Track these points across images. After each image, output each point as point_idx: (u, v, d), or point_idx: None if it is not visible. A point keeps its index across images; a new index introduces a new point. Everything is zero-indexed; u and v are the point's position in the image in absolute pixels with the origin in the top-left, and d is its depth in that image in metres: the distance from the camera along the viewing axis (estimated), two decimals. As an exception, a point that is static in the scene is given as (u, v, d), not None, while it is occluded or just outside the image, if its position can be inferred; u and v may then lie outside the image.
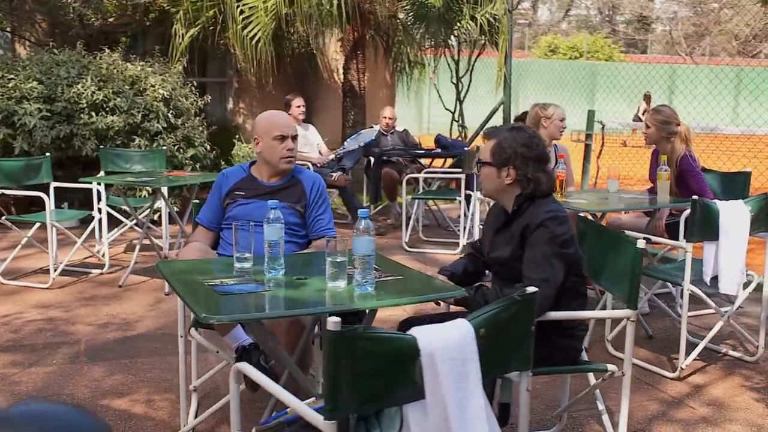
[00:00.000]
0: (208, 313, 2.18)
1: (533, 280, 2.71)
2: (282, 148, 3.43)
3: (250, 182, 3.50)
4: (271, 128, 3.46)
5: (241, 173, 3.57)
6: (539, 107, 5.42)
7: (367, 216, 2.51)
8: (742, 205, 4.01)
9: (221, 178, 3.58)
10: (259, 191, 3.44)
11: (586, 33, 34.42)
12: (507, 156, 2.86)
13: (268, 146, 3.45)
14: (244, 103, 11.73)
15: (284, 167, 3.47)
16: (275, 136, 3.44)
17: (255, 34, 8.51)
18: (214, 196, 3.54)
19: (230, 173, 3.60)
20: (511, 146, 2.85)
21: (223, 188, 3.52)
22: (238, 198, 3.46)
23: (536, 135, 2.91)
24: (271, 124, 3.48)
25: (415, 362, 1.83)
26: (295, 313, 2.37)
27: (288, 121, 3.54)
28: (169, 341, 4.56)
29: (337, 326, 1.74)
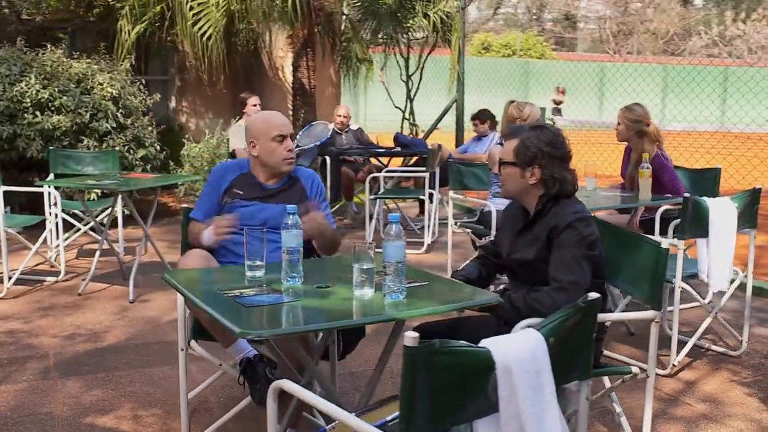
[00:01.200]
0: (245, 328, 2.04)
1: (562, 282, 2.65)
2: (282, 149, 3.24)
3: (249, 182, 3.30)
4: (268, 129, 3.24)
5: (241, 168, 3.35)
6: (515, 108, 5.37)
7: (398, 221, 2.40)
8: (730, 202, 4.04)
9: (221, 171, 3.35)
10: (258, 194, 3.27)
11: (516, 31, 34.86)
12: (532, 155, 2.78)
13: (267, 148, 3.24)
14: (187, 101, 11.43)
15: (286, 169, 3.28)
16: (274, 136, 3.23)
17: (206, 30, 8.26)
18: (213, 191, 3.32)
19: (230, 167, 3.37)
20: (535, 145, 2.78)
21: (222, 183, 3.31)
22: (236, 198, 3.27)
23: (560, 133, 2.84)
24: (268, 124, 3.27)
25: (490, 375, 1.74)
26: (339, 325, 2.23)
27: (285, 120, 3.34)
28: (145, 352, 4.35)
29: (415, 341, 1.63)
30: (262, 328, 2.10)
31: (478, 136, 8.42)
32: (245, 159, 3.39)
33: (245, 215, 3.18)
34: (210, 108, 11.42)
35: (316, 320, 2.27)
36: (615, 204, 4.72)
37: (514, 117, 5.38)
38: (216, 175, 3.36)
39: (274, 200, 3.25)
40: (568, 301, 2.64)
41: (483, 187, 5.92)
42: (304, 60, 9.77)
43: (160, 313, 5.07)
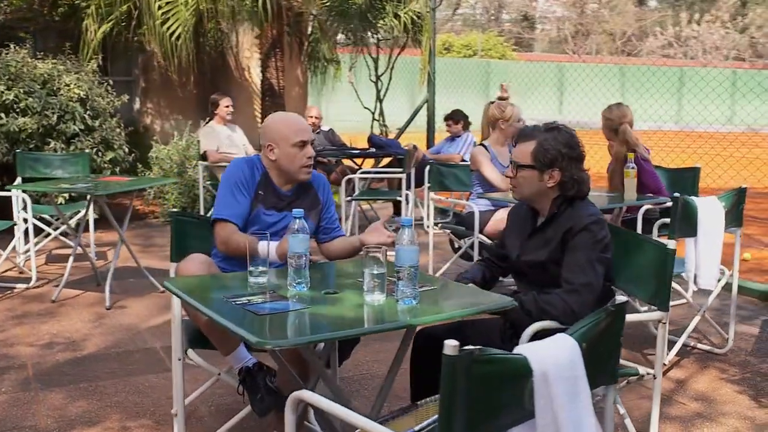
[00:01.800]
0: (262, 337, 1.97)
1: (574, 285, 2.63)
2: (303, 156, 3.07)
3: (268, 186, 3.12)
4: (290, 134, 3.06)
5: (258, 171, 3.13)
6: (496, 108, 5.36)
7: (410, 224, 2.35)
8: (717, 202, 4.07)
9: (243, 169, 3.10)
10: (275, 202, 3.10)
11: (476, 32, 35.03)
12: (552, 158, 2.74)
13: (287, 154, 3.06)
14: (152, 103, 11.24)
15: (303, 177, 3.11)
16: (296, 142, 3.05)
17: (175, 30, 8.11)
18: (245, 190, 3.08)
19: (245, 167, 3.12)
20: (554, 147, 2.74)
21: (250, 185, 3.09)
22: (260, 202, 3.09)
23: (575, 133, 2.81)
24: (290, 129, 3.07)
25: (527, 383, 1.70)
26: (364, 331, 2.16)
27: (307, 125, 3.16)
28: (127, 360, 4.24)
29: (455, 350, 1.58)
30: (279, 337, 2.03)
31: (452, 137, 8.42)
32: (256, 157, 3.19)
33: (265, 225, 3.05)
34: (176, 109, 11.24)
35: (334, 328, 2.20)
36: (602, 204, 4.71)
37: (495, 117, 5.37)
38: (242, 172, 3.09)
39: (290, 208, 3.09)
40: (580, 303, 2.64)
41: (463, 188, 5.90)
42: (272, 60, 9.67)
43: (138, 320, 4.95)
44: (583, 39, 37.13)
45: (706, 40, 34.21)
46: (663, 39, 34.84)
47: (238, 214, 3.04)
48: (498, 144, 5.39)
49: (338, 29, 9.85)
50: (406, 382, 2.91)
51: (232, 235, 3.02)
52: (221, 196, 3.10)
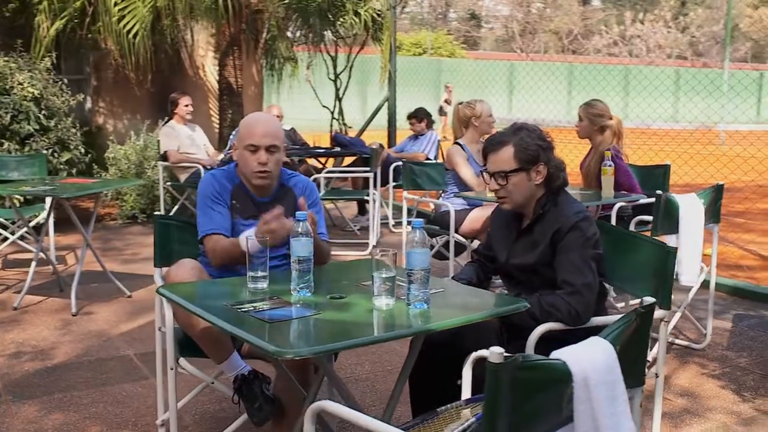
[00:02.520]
0: (281, 347, 1.89)
1: (575, 286, 2.60)
2: (254, 161, 2.92)
3: (243, 195, 3.04)
4: (245, 136, 2.97)
5: (232, 180, 3.06)
6: (466, 107, 5.33)
7: (421, 226, 2.29)
8: (696, 198, 4.10)
9: (214, 183, 3.02)
10: (253, 211, 3.00)
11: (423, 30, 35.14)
12: (533, 154, 2.72)
13: (242, 156, 2.98)
14: (104, 102, 10.94)
15: (256, 182, 2.99)
16: (246, 145, 2.96)
17: (132, 27, 7.90)
18: (221, 203, 2.99)
19: (220, 176, 3.05)
20: (532, 143, 2.72)
21: (225, 195, 3.01)
22: (237, 216, 3.00)
23: (540, 128, 2.80)
24: (246, 130, 2.98)
25: (567, 388, 1.66)
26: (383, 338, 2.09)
27: (266, 129, 2.98)
28: (101, 369, 4.09)
29: (500, 357, 1.53)
30: (297, 345, 1.94)
31: (415, 135, 8.39)
32: (231, 167, 3.11)
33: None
34: (129, 108, 10.96)
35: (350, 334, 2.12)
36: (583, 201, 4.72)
37: (467, 116, 5.35)
38: (215, 185, 3.01)
39: None
40: (583, 304, 2.62)
41: (436, 187, 5.86)
42: (230, 59, 9.51)
43: (107, 326, 4.79)
44: (531, 38, 37.56)
45: (650, 39, 34.91)
46: (608, 38, 35.45)
47: (223, 226, 2.96)
48: (473, 143, 5.37)
49: (297, 27, 9.72)
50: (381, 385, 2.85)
51: (217, 242, 2.93)
52: (200, 216, 3.02)
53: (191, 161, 7.52)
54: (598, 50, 35.63)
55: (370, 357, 4.23)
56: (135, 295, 5.48)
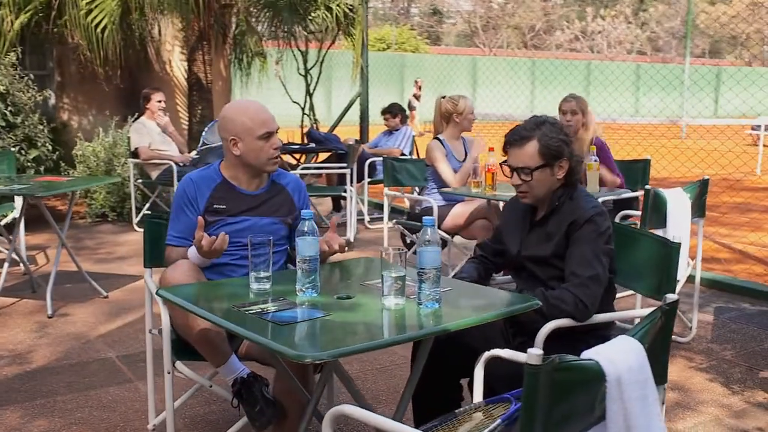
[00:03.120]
0: (300, 350, 1.83)
1: (581, 278, 2.58)
2: (269, 147, 2.87)
3: (229, 192, 2.95)
4: (255, 126, 2.86)
5: (213, 179, 2.99)
6: (448, 102, 5.30)
7: (432, 224, 2.24)
8: (683, 193, 4.12)
9: (189, 187, 2.95)
10: (244, 206, 2.92)
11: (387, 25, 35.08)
12: (558, 149, 2.69)
13: (253, 147, 2.87)
14: (68, 98, 10.70)
15: (270, 169, 2.94)
16: (261, 134, 2.85)
17: (100, 21, 7.72)
18: (189, 211, 2.92)
19: (199, 179, 2.98)
20: (556, 138, 2.69)
21: (198, 200, 2.93)
22: (222, 216, 2.91)
23: (558, 120, 2.77)
24: (254, 120, 2.87)
25: (600, 388, 1.63)
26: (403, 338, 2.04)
27: (268, 114, 2.94)
28: (83, 372, 3.97)
29: (539, 359, 1.49)
30: (313, 349, 1.88)
31: (389, 131, 8.34)
32: (212, 167, 3.03)
33: (236, 233, 2.86)
34: (94, 104, 10.74)
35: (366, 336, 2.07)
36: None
37: (449, 111, 5.31)
38: (187, 191, 2.94)
39: (262, 212, 2.95)
40: (590, 296, 2.59)
41: (416, 183, 5.82)
42: (199, 54, 9.36)
43: (86, 328, 4.67)
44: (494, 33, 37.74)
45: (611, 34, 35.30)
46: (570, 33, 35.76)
47: (180, 232, 2.93)
48: (453, 138, 5.34)
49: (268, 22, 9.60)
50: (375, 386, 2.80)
51: (168, 254, 2.94)
52: (169, 221, 3.00)
53: (163, 158, 7.38)
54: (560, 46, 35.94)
55: (359, 356, 4.18)
56: (111, 295, 5.35)
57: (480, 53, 32.93)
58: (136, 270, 6.06)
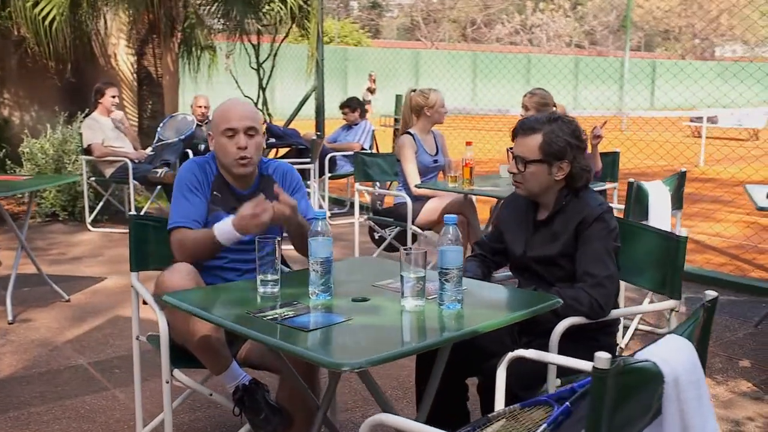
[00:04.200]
0: (339, 359, 1.74)
1: (597, 278, 2.54)
2: (233, 146, 2.73)
3: (223, 187, 2.84)
4: (220, 121, 2.77)
5: (212, 170, 2.85)
6: (419, 95, 5.24)
7: (455, 222, 2.17)
8: (663, 186, 4.14)
9: (197, 170, 2.80)
10: (233, 203, 2.78)
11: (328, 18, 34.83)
12: (560, 150, 2.62)
13: (219, 144, 2.77)
14: (9, 93, 10.29)
15: (237, 171, 2.80)
16: (222, 130, 2.74)
17: (48, 13, 7.42)
18: (197, 192, 2.77)
19: (203, 164, 2.84)
20: (562, 138, 2.62)
21: (205, 184, 2.79)
22: (218, 208, 2.79)
23: (576, 122, 2.71)
24: (220, 115, 2.79)
25: (658, 390, 1.59)
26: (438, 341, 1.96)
27: (243, 111, 2.79)
28: (55, 381, 3.80)
29: (607, 363, 1.43)
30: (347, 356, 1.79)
31: (348, 125, 8.25)
32: (208, 156, 2.89)
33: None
34: (37, 99, 10.35)
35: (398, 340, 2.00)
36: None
37: (420, 104, 5.25)
38: (196, 173, 2.80)
39: None
40: (606, 296, 2.56)
41: (387, 178, 5.75)
42: (150, 47, 9.10)
43: (51, 334, 4.47)
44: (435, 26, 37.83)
45: (550, 28, 35.74)
46: (510, 27, 36.09)
47: (192, 215, 2.74)
48: (423, 132, 5.28)
49: (220, 14, 9.37)
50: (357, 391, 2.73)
51: (186, 234, 2.72)
52: (173, 205, 2.81)
53: (118, 155, 7.15)
54: (500, 39, 36.25)
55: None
56: (73, 298, 5.14)
57: (422, 46, 32.98)
58: (95, 271, 5.85)
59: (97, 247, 6.68)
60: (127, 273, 5.91)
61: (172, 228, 2.75)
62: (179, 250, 2.74)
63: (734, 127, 18.54)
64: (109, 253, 6.48)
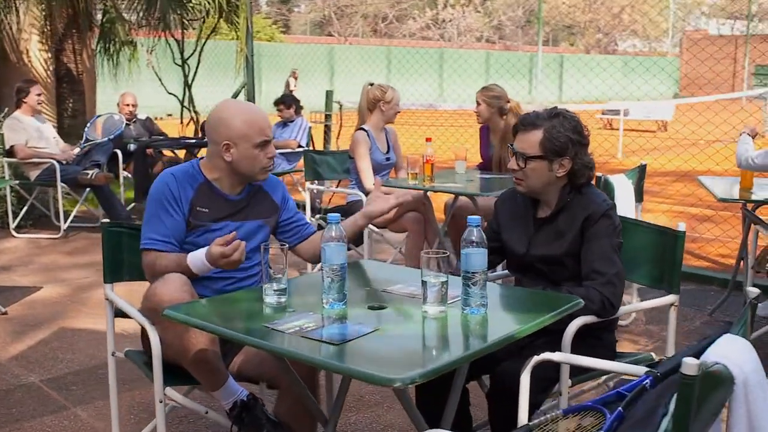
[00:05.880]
0: (391, 374, 1.63)
1: (607, 276, 2.50)
2: (264, 157, 2.62)
3: (211, 195, 2.66)
4: (252, 133, 2.58)
5: (196, 179, 2.67)
6: (377, 89, 5.13)
7: (478, 224, 2.09)
8: (626, 179, 4.18)
9: (172, 184, 2.61)
10: (227, 210, 2.65)
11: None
12: (561, 146, 2.57)
13: (247, 155, 2.59)
14: None
15: (262, 177, 2.68)
16: (258, 143, 2.59)
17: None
18: (173, 209, 2.60)
19: (181, 176, 2.65)
20: (563, 135, 2.57)
21: (182, 200, 2.61)
22: (205, 222, 2.62)
23: (579, 118, 2.66)
24: (251, 126, 2.59)
25: (728, 391, 1.55)
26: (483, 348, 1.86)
27: (265, 119, 2.68)
28: (8, 402, 3.53)
29: (697, 369, 1.38)
30: (397, 370, 1.69)
31: (283, 122, 8.07)
32: (192, 163, 2.71)
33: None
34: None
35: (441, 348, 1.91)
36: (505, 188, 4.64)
37: (377, 98, 5.14)
38: (171, 187, 2.61)
39: (244, 216, 2.69)
40: (616, 294, 2.53)
41: (337, 176, 5.62)
42: (69, 43, 8.69)
43: (-7, 350, 4.18)
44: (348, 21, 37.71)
45: (461, 23, 36.13)
46: (422, 22, 36.32)
47: (166, 235, 2.59)
48: (377, 129, 5.18)
49: (142, 9, 9.01)
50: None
51: (159, 258, 2.57)
52: (145, 222, 2.64)
53: (43, 156, 6.78)
54: (413, 34, 36.43)
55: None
56: (11, 310, 4.82)
57: (335, 42, 32.82)
58: (30, 281, 5.52)
59: (25, 255, 6.31)
60: (64, 281, 5.69)
61: (142, 249, 2.61)
62: (149, 273, 2.61)
63: (644, 119, 19.14)
64: (40, 260, 6.12)
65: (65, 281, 5.46)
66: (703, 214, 7.73)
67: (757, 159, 3.80)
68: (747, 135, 4.12)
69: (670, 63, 35.13)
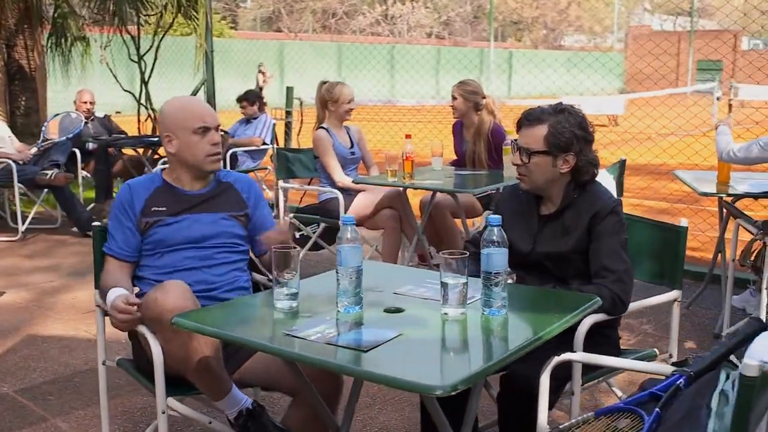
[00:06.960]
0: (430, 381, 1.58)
1: (618, 273, 2.48)
2: (206, 143, 2.66)
3: (169, 194, 2.69)
4: (188, 119, 2.64)
5: (153, 183, 2.72)
6: (325, 89, 5.06)
7: (499, 224, 2.04)
8: (607, 174, 4.18)
9: (126, 194, 2.69)
10: (185, 205, 2.67)
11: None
12: (566, 142, 2.53)
13: (187, 143, 2.64)
14: None
15: (210, 168, 2.70)
16: (196, 129, 2.63)
17: None
18: (124, 218, 2.65)
19: (137, 185, 2.72)
20: (568, 130, 2.54)
21: (135, 206, 2.65)
22: (161, 217, 2.64)
23: (583, 114, 2.63)
24: (187, 113, 2.65)
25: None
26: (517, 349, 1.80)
27: (207, 108, 2.74)
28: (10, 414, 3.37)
29: (758, 370, 1.36)
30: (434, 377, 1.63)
31: (246, 119, 7.94)
32: (155, 172, 2.79)
33: (177, 235, 2.63)
34: None
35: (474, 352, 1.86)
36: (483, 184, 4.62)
37: (324, 99, 5.08)
38: (122, 197, 2.69)
39: (206, 209, 2.70)
40: (626, 291, 2.51)
41: (309, 174, 5.53)
42: (21, 39, 8.41)
43: (-41, 361, 3.99)
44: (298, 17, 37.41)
45: (411, 18, 36.16)
46: (371, 17, 36.22)
47: (120, 245, 2.66)
48: (335, 127, 5.09)
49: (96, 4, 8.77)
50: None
51: (107, 272, 2.65)
52: (109, 228, 2.73)
53: (-1, 156, 6.55)
54: (363, 30, 36.33)
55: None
56: (-26, 318, 4.63)
57: (285, 37, 32.54)
58: (-10, 286, 5.31)
59: (-16, 259, 6.08)
60: (26, 286, 5.50)
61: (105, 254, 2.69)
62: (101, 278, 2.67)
63: (596, 113, 19.39)
64: (-1, 264, 5.91)
65: (28, 285, 5.27)
66: (659, 206, 7.83)
67: (738, 152, 3.83)
68: (725, 126, 4.14)
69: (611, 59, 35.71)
